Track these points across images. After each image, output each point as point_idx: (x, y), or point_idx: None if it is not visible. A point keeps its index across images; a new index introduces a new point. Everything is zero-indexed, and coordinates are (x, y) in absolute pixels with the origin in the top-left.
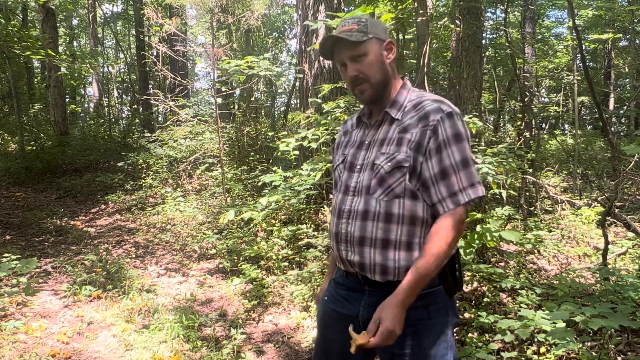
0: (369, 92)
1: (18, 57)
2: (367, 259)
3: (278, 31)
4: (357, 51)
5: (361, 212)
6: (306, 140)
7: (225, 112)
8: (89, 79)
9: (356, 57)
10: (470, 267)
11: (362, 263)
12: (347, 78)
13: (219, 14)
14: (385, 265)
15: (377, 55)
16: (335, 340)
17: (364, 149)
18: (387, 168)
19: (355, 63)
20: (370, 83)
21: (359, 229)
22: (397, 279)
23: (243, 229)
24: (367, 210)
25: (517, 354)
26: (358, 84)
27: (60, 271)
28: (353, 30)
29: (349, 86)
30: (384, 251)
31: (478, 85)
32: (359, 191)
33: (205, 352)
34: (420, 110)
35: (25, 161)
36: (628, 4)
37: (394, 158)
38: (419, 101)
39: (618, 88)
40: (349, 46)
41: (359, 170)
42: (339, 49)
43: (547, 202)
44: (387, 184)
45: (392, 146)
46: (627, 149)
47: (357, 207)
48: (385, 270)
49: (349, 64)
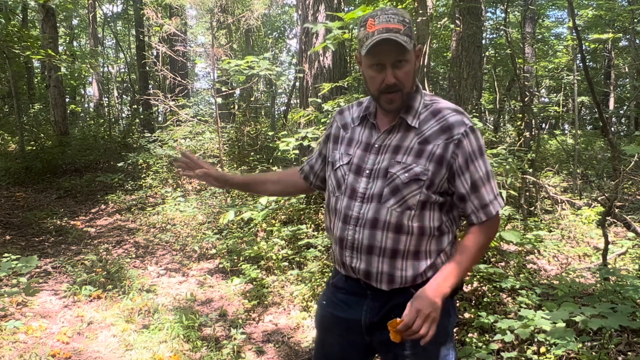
0: (398, 102)
1: (18, 57)
2: (375, 268)
3: (278, 31)
4: (403, 57)
5: (371, 220)
6: (306, 140)
7: (225, 112)
8: (89, 79)
9: (400, 62)
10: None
11: (368, 271)
12: (378, 80)
13: (219, 14)
14: (393, 274)
15: (413, 64)
16: (334, 344)
17: (373, 152)
18: (403, 179)
19: (396, 69)
20: (402, 93)
21: (368, 237)
22: (403, 286)
23: (243, 229)
24: (378, 219)
25: (517, 354)
26: (391, 91)
27: (60, 271)
28: (400, 31)
29: (375, 87)
30: (392, 261)
31: (478, 85)
32: (368, 198)
33: (205, 352)
34: (442, 121)
35: (25, 161)
36: (628, 4)
37: (412, 169)
38: (436, 109)
39: (618, 88)
40: (396, 50)
41: (368, 176)
42: (383, 48)
43: (547, 202)
44: (401, 194)
45: (410, 156)
46: (627, 149)
47: (367, 214)
48: (392, 279)
49: (390, 69)
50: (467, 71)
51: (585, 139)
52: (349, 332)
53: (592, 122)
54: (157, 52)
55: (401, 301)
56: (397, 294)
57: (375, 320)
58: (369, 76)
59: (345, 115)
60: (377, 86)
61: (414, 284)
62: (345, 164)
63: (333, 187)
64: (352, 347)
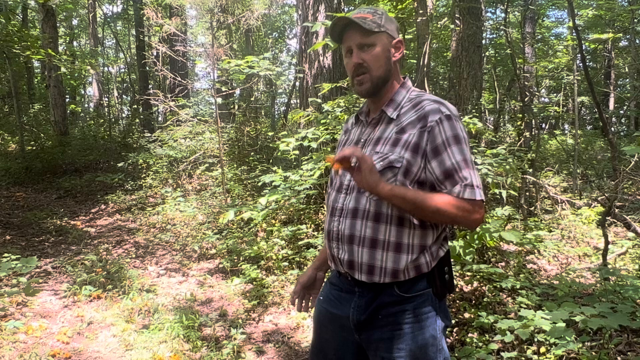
0: (367, 84)
1: (18, 57)
2: (356, 258)
3: (278, 31)
4: (367, 40)
5: (351, 210)
6: (306, 140)
7: (225, 112)
8: (89, 79)
9: (364, 45)
10: (470, 267)
11: (351, 261)
12: (349, 65)
13: (219, 14)
14: (372, 265)
15: (384, 50)
16: (330, 339)
17: (359, 147)
18: (378, 167)
19: (362, 52)
20: (371, 75)
21: (349, 226)
22: (383, 280)
23: (243, 229)
24: (357, 209)
25: (517, 354)
26: (359, 73)
27: (60, 271)
28: (367, 18)
29: (349, 73)
30: (372, 251)
31: (478, 85)
32: (350, 189)
33: (205, 352)
34: (420, 110)
35: (25, 161)
36: (628, 4)
37: (387, 158)
38: (418, 101)
39: (618, 88)
40: (360, 32)
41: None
42: (350, 33)
43: (547, 202)
44: None
45: (387, 146)
46: (627, 149)
47: (348, 205)
48: (372, 270)
49: (355, 51)
50: (467, 71)
51: (585, 139)
52: (342, 329)
53: (592, 122)
54: (157, 52)
55: (387, 301)
56: (382, 292)
57: (362, 319)
58: (345, 64)
59: (348, 122)
60: (349, 69)
61: (395, 280)
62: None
63: (329, 185)
64: (345, 344)
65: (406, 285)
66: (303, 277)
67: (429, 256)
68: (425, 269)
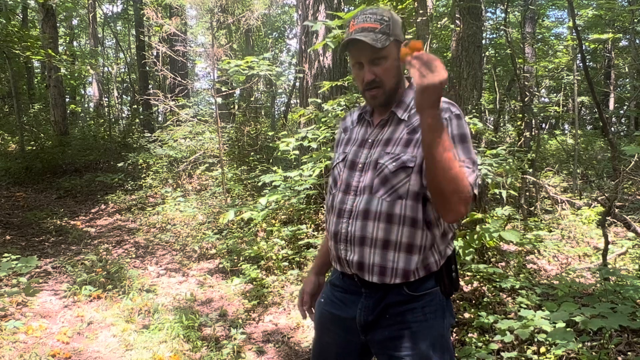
0: (381, 98)
1: (18, 57)
2: (367, 259)
3: (278, 31)
4: (378, 54)
5: (362, 212)
6: (306, 140)
7: (225, 112)
8: (89, 79)
9: (376, 60)
10: (470, 267)
11: (361, 263)
12: (360, 78)
13: (219, 14)
14: (384, 266)
15: (394, 60)
16: (332, 342)
17: (366, 147)
18: (391, 168)
19: (374, 66)
20: (384, 89)
21: (360, 228)
22: (394, 281)
23: (243, 229)
24: (369, 210)
25: (517, 354)
26: (371, 87)
27: (60, 271)
28: (376, 30)
29: (359, 84)
30: (384, 252)
31: (478, 85)
32: (361, 190)
33: (205, 352)
34: None
35: (25, 161)
36: (628, 4)
37: (399, 158)
38: None
39: (618, 88)
40: (371, 48)
41: (361, 169)
42: (359, 49)
43: (547, 202)
44: (390, 184)
45: (398, 147)
46: (627, 149)
47: (359, 206)
48: (384, 271)
49: (367, 67)
50: (467, 71)
51: (585, 139)
52: (345, 331)
53: (592, 122)
54: (157, 52)
55: (395, 300)
56: (391, 292)
57: (370, 320)
58: (354, 74)
59: (347, 119)
60: (360, 82)
61: (406, 281)
62: (341, 161)
63: (330, 185)
64: (348, 346)
65: (415, 284)
66: (308, 285)
67: (437, 255)
68: (435, 268)
